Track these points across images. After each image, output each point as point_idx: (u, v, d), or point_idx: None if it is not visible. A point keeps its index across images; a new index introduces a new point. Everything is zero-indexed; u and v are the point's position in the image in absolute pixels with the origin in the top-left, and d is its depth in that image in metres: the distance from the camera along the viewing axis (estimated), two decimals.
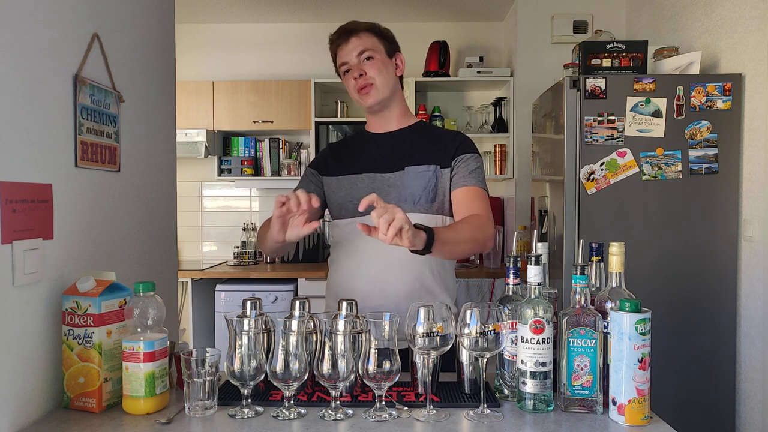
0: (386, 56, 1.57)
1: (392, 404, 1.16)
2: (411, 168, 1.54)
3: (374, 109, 1.57)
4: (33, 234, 1.12)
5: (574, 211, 2.36)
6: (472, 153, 1.57)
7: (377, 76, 1.53)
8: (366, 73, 1.52)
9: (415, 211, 1.50)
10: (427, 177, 1.53)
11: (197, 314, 3.71)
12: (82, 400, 1.15)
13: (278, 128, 3.92)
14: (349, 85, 1.57)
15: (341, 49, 1.56)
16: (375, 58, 1.54)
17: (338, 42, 1.57)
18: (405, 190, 1.52)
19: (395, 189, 1.53)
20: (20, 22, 1.10)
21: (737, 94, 2.29)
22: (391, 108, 1.60)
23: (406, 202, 1.50)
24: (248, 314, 1.19)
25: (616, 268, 1.15)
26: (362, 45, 1.54)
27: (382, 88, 1.54)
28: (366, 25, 1.57)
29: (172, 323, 1.84)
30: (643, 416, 1.07)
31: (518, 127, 3.66)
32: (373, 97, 1.54)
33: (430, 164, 1.54)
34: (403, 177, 1.53)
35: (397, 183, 1.53)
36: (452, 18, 4.05)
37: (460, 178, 1.54)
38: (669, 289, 2.33)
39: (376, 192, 1.49)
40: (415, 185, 1.52)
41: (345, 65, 1.56)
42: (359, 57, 1.53)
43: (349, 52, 1.54)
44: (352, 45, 1.54)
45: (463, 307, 1.11)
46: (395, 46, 1.61)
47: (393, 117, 1.61)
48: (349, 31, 1.55)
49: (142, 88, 1.61)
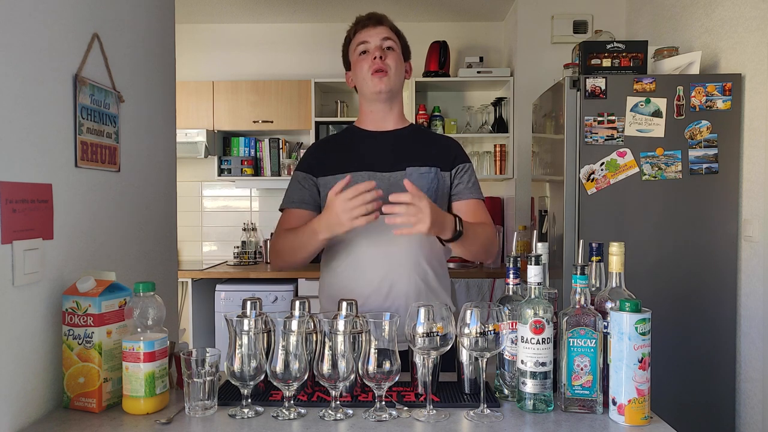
0: (402, 56, 1.61)
1: (392, 404, 1.16)
2: (413, 168, 1.54)
3: (381, 98, 1.57)
4: (33, 234, 1.12)
5: (574, 211, 2.36)
6: (469, 162, 1.64)
7: (393, 67, 1.56)
8: (385, 58, 1.55)
9: None
10: (429, 178, 1.54)
11: (197, 314, 3.71)
12: (82, 400, 1.15)
13: (278, 128, 3.92)
14: (362, 67, 1.56)
15: (366, 30, 1.58)
16: (395, 51, 1.58)
17: (365, 23, 1.58)
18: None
19: (397, 188, 1.50)
20: (20, 22, 1.10)
21: (737, 94, 2.30)
22: (392, 105, 1.61)
23: None
24: (248, 314, 1.19)
25: (616, 268, 1.15)
26: (388, 34, 1.58)
27: (394, 79, 1.56)
28: (392, 23, 1.62)
29: (172, 323, 1.84)
30: (643, 416, 1.07)
31: (518, 127, 3.66)
32: (385, 84, 1.54)
33: (431, 166, 1.55)
34: (404, 177, 1.51)
35: (398, 182, 1.51)
36: (452, 18, 4.05)
37: (464, 189, 1.59)
38: (669, 288, 2.33)
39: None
40: (418, 186, 1.50)
41: (364, 44, 1.57)
42: (383, 42, 1.56)
43: (375, 34, 1.56)
44: (379, 30, 1.57)
45: (463, 307, 1.11)
46: (408, 53, 1.66)
47: (391, 116, 1.62)
48: (380, 19, 1.59)
49: (142, 88, 1.61)
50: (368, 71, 1.55)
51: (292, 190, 1.61)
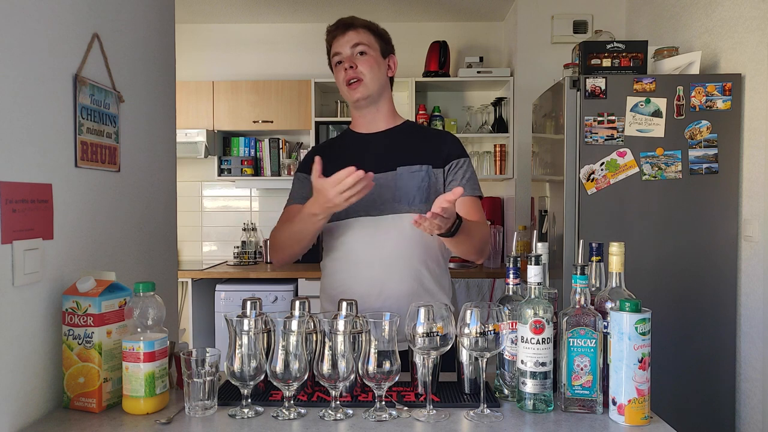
0: (380, 55, 1.58)
1: (392, 404, 1.16)
2: (403, 168, 1.54)
3: (360, 105, 1.58)
4: (33, 234, 1.12)
5: (574, 211, 2.36)
6: (464, 157, 1.60)
7: (368, 73, 1.54)
8: (357, 66, 1.54)
9: (410, 211, 1.49)
10: (420, 177, 1.53)
11: (197, 314, 3.71)
12: (82, 400, 1.15)
13: (278, 128, 3.92)
14: (338, 78, 1.57)
15: (337, 40, 1.57)
16: (368, 54, 1.55)
17: (335, 33, 1.57)
18: (399, 190, 1.51)
19: (388, 190, 1.52)
20: (20, 22, 1.10)
21: (737, 94, 2.29)
22: (378, 107, 1.60)
23: (401, 202, 1.50)
24: (248, 314, 1.19)
25: (616, 268, 1.15)
26: (358, 39, 1.55)
27: (370, 85, 1.54)
28: (364, 22, 1.59)
29: (172, 323, 1.84)
30: (643, 416, 1.07)
31: (518, 127, 3.66)
32: (360, 92, 1.54)
33: (422, 164, 1.54)
34: (396, 177, 1.53)
35: (390, 183, 1.52)
36: (452, 18, 4.05)
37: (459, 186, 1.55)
38: (669, 289, 2.33)
39: (369, 193, 1.49)
40: (409, 185, 1.52)
41: (338, 56, 1.56)
42: (353, 50, 1.54)
43: (345, 43, 1.55)
44: (348, 37, 1.55)
45: (463, 307, 1.11)
46: (390, 47, 1.63)
47: (380, 117, 1.61)
48: (348, 24, 1.57)
49: (142, 88, 1.61)
50: (343, 82, 1.55)
51: (294, 189, 1.64)
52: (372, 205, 1.50)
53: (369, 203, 1.49)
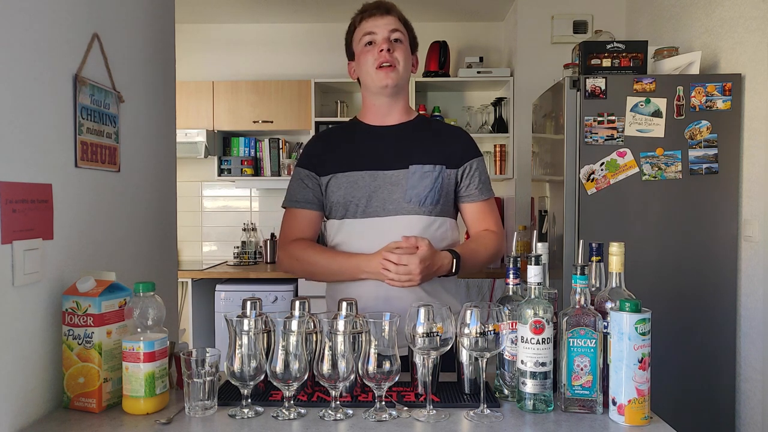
0: (409, 49, 1.55)
1: (392, 404, 1.16)
2: (416, 167, 1.49)
3: (386, 92, 1.51)
4: (33, 234, 1.12)
5: (574, 211, 2.36)
6: (479, 157, 1.58)
7: (402, 61, 1.49)
8: (393, 51, 1.48)
9: (419, 213, 1.47)
10: (433, 177, 1.48)
11: (197, 314, 3.71)
12: (82, 400, 1.15)
13: (278, 128, 3.92)
14: (368, 60, 1.49)
15: (373, 19, 1.49)
16: (403, 44, 1.52)
17: (372, 12, 1.50)
18: (411, 190, 1.47)
19: (399, 188, 1.48)
20: (20, 22, 1.10)
21: (737, 94, 2.30)
22: (398, 99, 1.55)
23: (411, 203, 1.47)
24: (248, 314, 1.19)
25: (616, 268, 1.15)
26: (396, 25, 1.50)
27: (402, 74, 1.50)
28: (401, 13, 1.54)
29: (172, 323, 1.84)
30: (643, 416, 1.07)
31: (518, 127, 3.66)
32: (392, 78, 1.47)
33: (435, 164, 1.50)
34: (407, 176, 1.48)
35: (401, 182, 1.48)
36: (452, 18, 4.05)
37: (475, 190, 1.55)
38: (669, 289, 2.33)
39: (378, 190, 1.48)
40: (421, 185, 1.47)
41: (371, 35, 1.49)
42: (391, 34, 1.49)
43: (383, 25, 1.48)
44: (387, 20, 1.49)
45: (463, 307, 1.11)
46: (416, 45, 1.60)
47: (397, 110, 1.56)
48: (388, 8, 1.51)
49: (142, 88, 1.60)
50: (374, 64, 1.48)
51: (295, 189, 1.57)
52: (381, 204, 1.48)
53: (378, 202, 1.48)
